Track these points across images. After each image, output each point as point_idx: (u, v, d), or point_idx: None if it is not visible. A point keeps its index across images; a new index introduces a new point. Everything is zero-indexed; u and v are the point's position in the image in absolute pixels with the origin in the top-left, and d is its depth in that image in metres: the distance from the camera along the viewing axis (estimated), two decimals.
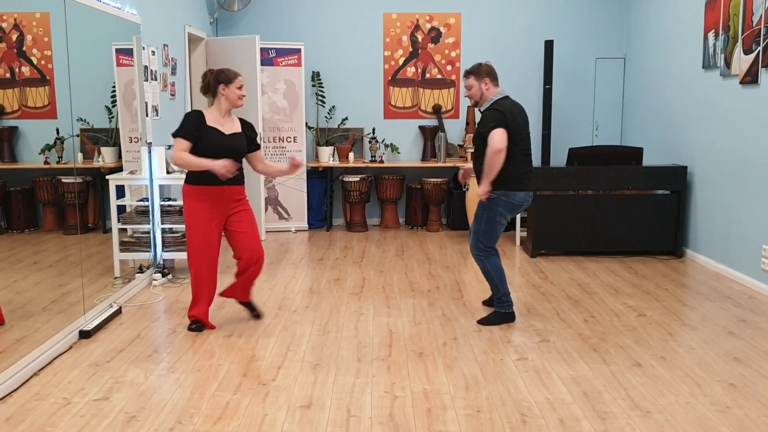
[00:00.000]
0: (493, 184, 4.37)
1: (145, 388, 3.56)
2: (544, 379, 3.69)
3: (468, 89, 4.51)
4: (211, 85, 4.33)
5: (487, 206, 4.46)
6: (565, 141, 8.25)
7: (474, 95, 4.50)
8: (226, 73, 4.34)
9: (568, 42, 8.26)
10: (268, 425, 3.15)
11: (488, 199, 4.43)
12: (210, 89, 4.35)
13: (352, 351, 4.11)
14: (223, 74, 4.32)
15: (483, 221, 4.50)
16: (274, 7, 8.23)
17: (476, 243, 4.55)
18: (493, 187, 4.39)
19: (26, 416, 3.22)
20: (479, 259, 4.57)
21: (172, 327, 4.55)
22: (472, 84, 4.47)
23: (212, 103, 4.39)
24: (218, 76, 4.32)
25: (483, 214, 4.49)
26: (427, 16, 8.26)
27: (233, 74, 4.34)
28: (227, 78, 4.31)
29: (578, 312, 4.86)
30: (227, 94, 4.31)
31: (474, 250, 4.58)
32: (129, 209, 5.76)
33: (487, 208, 4.46)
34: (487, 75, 4.47)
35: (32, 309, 4.47)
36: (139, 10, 5.72)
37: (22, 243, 5.00)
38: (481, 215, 4.50)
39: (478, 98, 4.50)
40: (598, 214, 6.55)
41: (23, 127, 4.73)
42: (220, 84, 4.30)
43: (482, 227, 4.51)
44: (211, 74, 4.34)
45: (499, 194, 4.42)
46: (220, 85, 4.30)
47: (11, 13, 4.55)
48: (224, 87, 4.30)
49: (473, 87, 4.48)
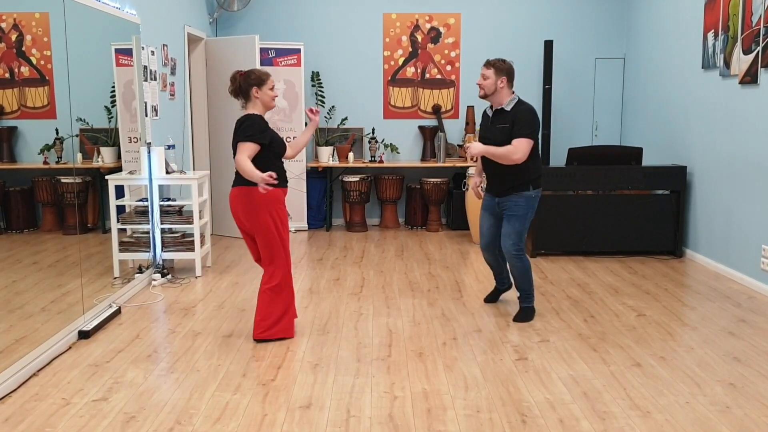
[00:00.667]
0: (532, 183, 4.51)
1: (144, 388, 3.55)
2: (544, 379, 3.69)
3: (483, 78, 4.49)
4: (243, 88, 4.09)
5: (528, 206, 4.53)
6: (565, 141, 8.25)
7: (487, 87, 4.49)
8: (258, 74, 4.10)
9: (567, 42, 8.26)
10: (268, 425, 3.15)
11: (533, 198, 4.53)
12: (242, 92, 4.11)
13: (352, 351, 4.11)
14: (254, 76, 4.08)
15: (526, 220, 4.56)
16: (273, 7, 8.22)
17: (518, 243, 4.56)
18: (535, 186, 4.53)
19: (25, 416, 3.22)
20: (519, 258, 4.59)
21: (171, 327, 4.54)
22: (490, 76, 4.47)
23: (244, 106, 4.16)
24: (249, 79, 4.08)
25: (527, 214, 4.54)
26: (426, 16, 8.26)
27: (265, 75, 4.11)
28: (260, 80, 4.08)
29: (578, 312, 4.86)
30: (261, 96, 4.09)
31: (514, 250, 4.57)
32: (128, 209, 5.75)
33: (530, 207, 4.54)
34: (507, 74, 4.50)
35: (31, 309, 4.46)
36: (139, 10, 5.71)
37: (22, 243, 4.99)
38: (524, 215, 4.53)
39: (490, 92, 4.50)
40: (598, 214, 6.54)
41: (22, 127, 4.72)
42: (253, 87, 4.07)
43: (525, 226, 4.57)
44: (240, 76, 4.10)
45: (538, 192, 4.57)
46: (253, 88, 4.07)
47: (11, 13, 4.54)
48: (257, 89, 4.07)
49: (489, 79, 4.47)
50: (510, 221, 4.55)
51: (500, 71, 4.47)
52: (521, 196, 4.51)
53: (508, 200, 4.53)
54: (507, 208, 4.55)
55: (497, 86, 4.48)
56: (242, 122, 4.02)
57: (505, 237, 4.58)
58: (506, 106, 4.50)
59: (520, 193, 4.51)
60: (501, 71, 4.48)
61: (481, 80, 4.50)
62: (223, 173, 7.57)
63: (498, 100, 4.52)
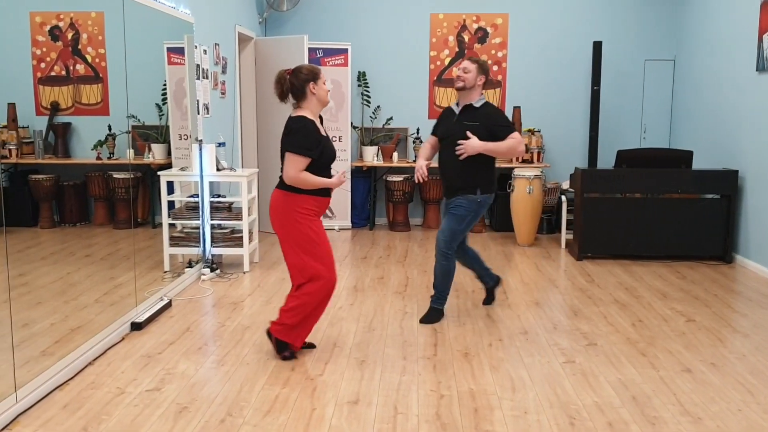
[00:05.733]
0: (483, 189, 4.48)
1: (195, 380, 3.63)
2: (592, 382, 3.66)
3: (465, 71, 4.46)
4: (298, 85, 3.75)
5: (469, 209, 4.49)
6: (613, 143, 8.13)
7: (468, 81, 4.45)
8: (309, 68, 3.79)
9: (616, 43, 8.15)
10: (317, 419, 3.19)
11: (478, 203, 4.48)
12: (296, 90, 3.77)
13: (398, 349, 4.13)
14: (306, 71, 3.77)
15: (464, 222, 4.51)
16: (322, 7, 8.30)
17: (450, 242, 4.52)
18: (483, 191, 4.49)
19: (82, 404, 3.32)
20: (447, 256, 4.56)
21: (221, 321, 4.63)
22: (472, 71, 4.45)
23: (298, 105, 3.82)
24: (301, 75, 3.75)
25: (466, 216, 4.50)
26: (474, 17, 8.24)
27: (317, 69, 3.81)
28: (314, 74, 3.77)
29: (626, 316, 4.80)
30: (318, 92, 3.78)
31: (444, 248, 4.54)
32: (179, 205, 5.87)
33: (471, 210, 4.50)
34: (486, 74, 4.52)
35: (86, 300, 4.59)
36: (193, 9, 5.82)
37: (74, 236, 5.14)
38: (463, 216, 4.50)
39: (470, 86, 4.46)
40: (646, 217, 6.45)
41: (77, 123, 4.86)
42: (309, 82, 3.75)
43: (462, 227, 4.53)
44: (289, 74, 3.77)
45: (488, 197, 4.53)
46: (309, 84, 3.75)
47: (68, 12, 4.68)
48: (314, 85, 3.76)
49: (471, 73, 4.45)
50: (448, 218, 4.54)
51: (482, 69, 4.48)
52: (466, 198, 4.47)
53: (454, 200, 4.52)
54: (451, 207, 4.54)
55: (476, 83, 4.46)
56: (296, 128, 3.72)
57: (440, 231, 4.57)
58: (476, 104, 4.49)
59: (466, 195, 4.47)
60: (483, 69, 4.48)
61: (462, 72, 4.47)
62: (271, 171, 7.66)
63: (470, 97, 4.49)
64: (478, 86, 4.48)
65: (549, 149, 8.26)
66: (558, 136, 8.29)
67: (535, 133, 8.02)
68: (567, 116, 8.30)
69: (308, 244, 3.77)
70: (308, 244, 3.77)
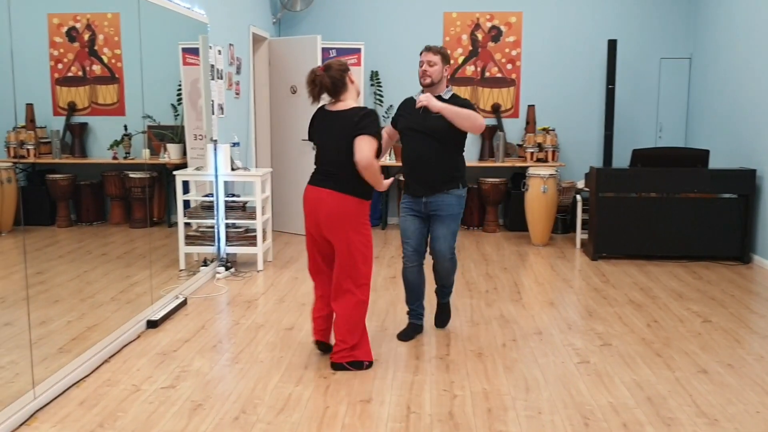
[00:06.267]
0: (461, 182, 4.20)
1: (210, 377, 3.65)
2: (607, 382, 3.64)
3: (429, 65, 4.11)
4: (338, 78, 3.63)
5: (460, 205, 4.21)
6: (628, 142, 8.08)
7: (435, 74, 4.12)
8: (341, 62, 3.72)
9: (631, 41, 8.10)
10: (330, 417, 3.20)
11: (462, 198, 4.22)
12: (337, 83, 3.64)
13: (410, 349, 4.13)
14: (339, 63, 3.68)
15: (458, 220, 4.24)
16: (335, 7, 8.31)
17: (453, 244, 4.24)
18: (462, 186, 4.21)
19: (98, 401, 3.34)
20: (453, 260, 4.28)
21: (235, 319, 4.65)
22: (437, 63, 4.12)
23: (339, 99, 3.70)
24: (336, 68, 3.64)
25: (460, 213, 4.22)
26: (487, 15, 8.22)
27: (344, 60, 3.78)
28: (346, 65, 3.71)
29: (641, 316, 4.77)
30: (355, 81, 3.73)
31: (450, 253, 4.24)
32: (194, 204, 5.90)
33: (461, 206, 4.23)
34: (449, 63, 4.22)
35: (102, 298, 4.63)
36: (207, 10, 5.85)
37: (91, 235, 5.18)
38: (458, 214, 4.21)
39: (437, 80, 4.13)
40: (662, 216, 6.40)
41: (93, 123, 4.90)
42: (347, 72, 3.68)
43: (458, 225, 4.25)
44: (322, 71, 3.64)
45: (465, 191, 4.25)
46: (347, 74, 3.68)
47: (84, 14, 4.73)
48: (350, 73, 3.71)
49: (437, 66, 4.11)
50: (444, 222, 4.18)
51: (446, 58, 4.16)
52: (452, 194, 4.16)
53: (440, 200, 4.14)
54: (439, 208, 4.16)
55: (442, 74, 4.15)
56: (367, 113, 3.60)
57: (442, 240, 4.19)
58: (444, 95, 4.17)
59: (451, 192, 4.15)
60: (446, 59, 4.17)
61: (427, 67, 4.12)
62: (284, 170, 7.68)
63: (438, 90, 4.18)
64: (445, 78, 4.17)
65: (564, 148, 8.22)
66: (573, 135, 8.25)
67: (549, 131, 7.98)
68: (582, 115, 8.26)
69: (368, 251, 3.74)
70: (368, 251, 3.74)
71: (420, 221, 4.24)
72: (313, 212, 3.69)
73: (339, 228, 3.63)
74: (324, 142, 3.73)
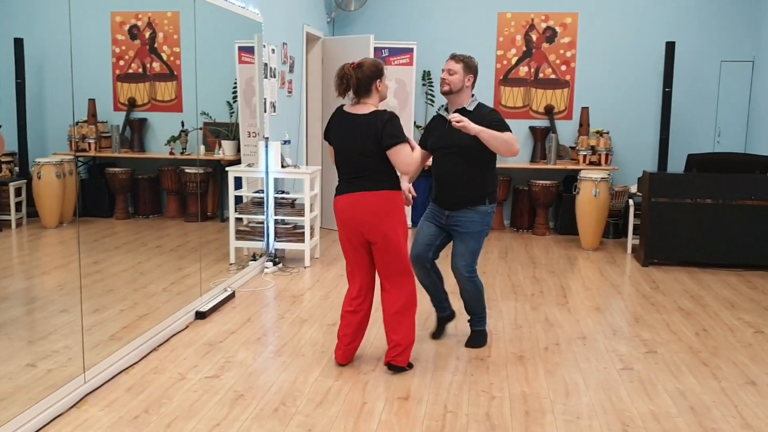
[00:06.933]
0: (488, 197, 4.04)
1: (253, 369, 3.74)
2: (649, 390, 3.58)
3: (449, 73, 3.99)
4: (363, 81, 3.58)
5: (484, 222, 4.04)
6: (684, 147, 7.88)
7: (455, 83, 3.98)
8: (375, 65, 3.64)
9: (691, 44, 7.90)
10: (367, 413, 3.24)
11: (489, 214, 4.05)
12: (361, 86, 3.60)
13: (451, 349, 4.14)
14: (373, 67, 3.62)
15: (482, 238, 4.08)
16: (389, 7, 8.36)
17: (472, 264, 4.09)
18: (490, 202, 4.05)
19: (145, 387, 3.47)
20: (472, 281, 4.12)
21: (280, 313, 4.74)
22: (458, 71, 3.98)
23: (359, 101, 3.66)
24: (366, 71, 3.59)
25: (482, 231, 4.05)
26: (542, 16, 8.14)
27: (381, 65, 3.67)
28: (380, 71, 3.63)
29: (690, 324, 4.67)
30: (381, 89, 3.66)
31: (467, 272, 4.09)
32: (245, 200, 6.04)
33: (486, 224, 4.05)
34: (474, 73, 4.05)
35: (154, 289, 4.79)
36: (262, 9, 5.98)
37: (147, 228, 5.36)
38: (480, 232, 4.04)
39: (456, 89, 3.99)
40: (717, 223, 6.24)
41: (152, 119, 5.06)
42: (376, 79, 3.61)
43: (480, 245, 4.09)
44: (353, 68, 3.59)
45: (493, 207, 4.09)
46: (375, 81, 3.61)
47: (146, 12, 4.89)
48: (379, 82, 3.63)
49: (457, 75, 3.97)
50: (464, 240, 4.03)
51: (469, 68, 4.01)
52: (477, 211, 3.99)
53: (462, 215, 4.01)
54: (460, 224, 4.02)
55: (464, 84, 4.00)
56: (390, 118, 3.56)
57: (459, 257, 4.06)
58: (468, 107, 4.01)
59: (476, 208, 3.99)
60: (470, 68, 4.02)
61: (446, 75, 3.99)
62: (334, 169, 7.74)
63: (460, 100, 4.03)
64: (467, 87, 4.01)
65: (617, 152, 8.08)
66: (627, 139, 8.10)
67: (603, 134, 7.86)
68: (637, 118, 8.10)
69: (407, 239, 3.73)
70: (407, 239, 3.73)
71: (436, 228, 4.13)
72: (350, 219, 3.64)
73: (383, 223, 3.61)
74: (345, 147, 3.67)
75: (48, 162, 3.98)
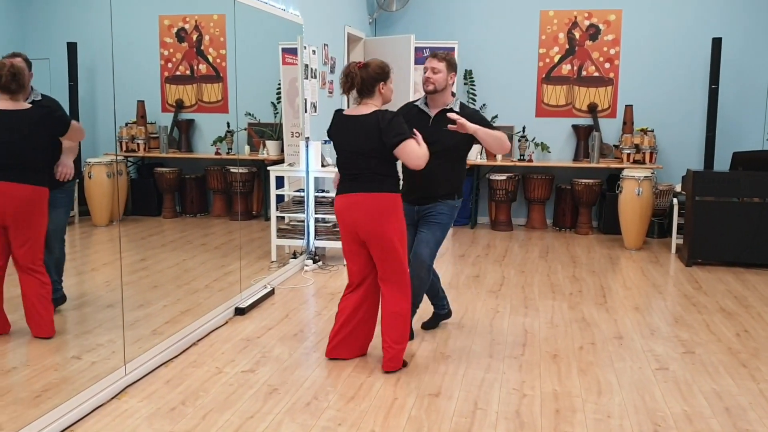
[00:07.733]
0: (458, 193, 4.09)
1: (288, 364, 3.84)
2: (684, 390, 3.55)
3: (434, 72, 3.95)
4: (367, 82, 3.62)
5: (451, 216, 4.09)
6: (731, 144, 7.68)
7: (439, 82, 3.96)
8: (382, 66, 3.67)
9: (738, 40, 7.71)
10: (397, 408, 3.30)
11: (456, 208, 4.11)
12: (365, 86, 3.63)
13: (485, 347, 4.16)
14: (379, 69, 3.65)
15: (446, 230, 4.11)
16: (430, 7, 8.39)
17: (434, 252, 4.07)
18: (458, 197, 4.10)
19: (183, 380, 3.59)
20: (430, 270, 4.10)
21: (317, 310, 4.84)
22: (442, 70, 3.95)
23: (362, 101, 3.70)
24: (374, 72, 3.63)
25: (448, 224, 4.10)
26: (585, 13, 8.06)
27: (388, 67, 3.70)
28: (386, 74, 3.67)
29: (731, 325, 4.59)
30: (385, 92, 3.69)
31: (430, 260, 4.05)
32: (287, 199, 6.16)
33: (452, 217, 4.10)
34: (456, 70, 4.06)
35: (197, 285, 4.95)
36: (302, 11, 6.08)
37: (194, 226, 5.53)
38: (447, 224, 4.08)
39: (441, 87, 3.97)
40: (763, 223, 6.09)
41: (199, 120, 5.22)
42: (380, 82, 3.64)
43: (443, 236, 4.11)
44: (359, 68, 3.62)
45: (460, 202, 4.14)
46: (379, 83, 3.64)
47: (193, 15, 5.04)
48: (383, 85, 3.66)
49: (441, 73, 3.95)
50: (431, 228, 4.04)
51: (452, 66, 4.00)
52: (446, 204, 4.05)
53: (433, 207, 4.04)
54: (431, 214, 4.05)
55: (447, 82, 3.99)
56: (391, 118, 3.58)
57: (424, 244, 4.02)
58: (454, 107, 4.03)
59: (446, 202, 4.05)
60: (452, 66, 4.01)
61: (431, 74, 3.95)
62: None
63: (443, 99, 4.03)
64: (449, 86, 4.02)
65: (662, 150, 7.94)
66: (672, 137, 7.95)
67: (647, 132, 7.74)
68: (682, 116, 7.95)
69: (405, 242, 3.77)
70: (405, 242, 3.77)
71: (411, 228, 4.07)
72: (349, 219, 3.67)
73: (379, 226, 3.62)
74: (347, 149, 3.70)
75: (99, 162, 4.15)
